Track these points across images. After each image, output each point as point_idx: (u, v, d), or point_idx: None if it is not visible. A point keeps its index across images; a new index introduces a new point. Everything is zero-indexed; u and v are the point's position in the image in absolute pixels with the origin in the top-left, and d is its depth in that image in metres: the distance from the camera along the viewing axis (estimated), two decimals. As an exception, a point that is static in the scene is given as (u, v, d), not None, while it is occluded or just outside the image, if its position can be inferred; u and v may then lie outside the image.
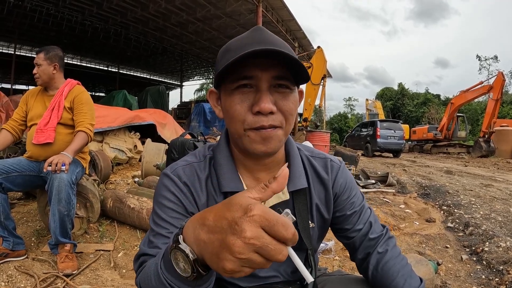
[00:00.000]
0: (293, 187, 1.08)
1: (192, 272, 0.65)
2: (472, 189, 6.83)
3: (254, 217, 0.56)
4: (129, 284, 2.63)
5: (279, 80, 0.92)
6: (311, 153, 1.21)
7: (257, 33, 0.96)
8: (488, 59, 53.50)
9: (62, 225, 2.72)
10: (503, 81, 18.95)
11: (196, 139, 3.07)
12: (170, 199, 1.02)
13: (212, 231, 0.60)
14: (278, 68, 0.91)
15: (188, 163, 1.09)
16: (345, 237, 1.18)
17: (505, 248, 3.40)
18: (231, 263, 0.56)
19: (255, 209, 0.56)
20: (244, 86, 0.92)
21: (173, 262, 0.69)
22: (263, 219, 0.56)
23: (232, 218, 0.57)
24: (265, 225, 0.56)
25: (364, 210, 1.19)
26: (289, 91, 0.95)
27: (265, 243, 0.55)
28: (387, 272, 1.08)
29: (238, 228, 0.55)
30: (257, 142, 0.94)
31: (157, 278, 0.77)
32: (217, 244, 0.58)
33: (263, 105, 0.89)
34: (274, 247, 0.56)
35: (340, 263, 3.14)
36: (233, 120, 0.95)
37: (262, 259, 0.56)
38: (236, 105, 0.93)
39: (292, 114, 0.97)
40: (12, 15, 19.56)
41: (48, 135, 2.99)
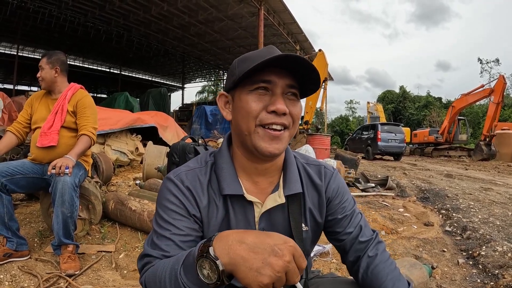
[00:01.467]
0: (289, 192, 1.15)
1: (217, 280, 0.78)
2: (472, 193, 6.85)
3: (291, 247, 0.79)
4: (130, 285, 2.68)
5: (291, 88, 1.06)
6: (306, 161, 1.28)
7: (272, 49, 1.08)
8: (490, 62, 53.34)
9: (65, 227, 2.76)
10: (504, 85, 18.95)
11: (196, 143, 3.12)
12: (173, 202, 1.08)
13: (254, 251, 0.77)
14: (290, 78, 1.04)
15: (191, 169, 1.16)
16: (336, 239, 1.24)
17: (501, 252, 3.43)
18: (269, 278, 0.75)
19: (291, 241, 0.81)
20: (261, 88, 1.03)
21: (197, 268, 0.81)
22: (295, 251, 0.80)
23: (275, 244, 0.79)
24: (295, 254, 0.79)
25: (354, 214, 1.25)
26: (296, 100, 1.10)
27: (294, 267, 0.78)
28: (377, 275, 1.13)
29: (280, 252, 0.77)
30: (264, 141, 1.03)
31: (173, 281, 0.86)
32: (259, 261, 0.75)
33: (279, 106, 1.02)
34: (296, 271, 0.79)
35: (337, 266, 3.18)
36: (247, 115, 1.04)
37: (285, 279, 0.77)
38: (253, 102, 1.03)
39: (298, 119, 1.10)
40: (15, 16, 19.64)
41: (52, 138, 3.04)
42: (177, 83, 42.47)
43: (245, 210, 1.13)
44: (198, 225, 1.10)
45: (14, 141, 3.19)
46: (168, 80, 42.61)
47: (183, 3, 17.85)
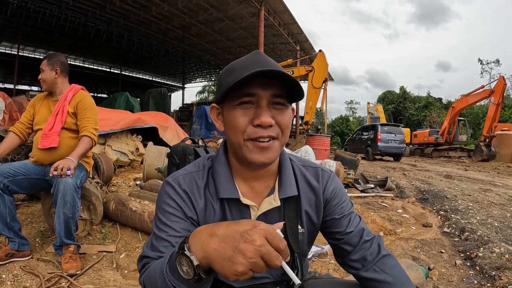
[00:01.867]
0: (284, 195, 1.17)
1: (194, 275, 0.80)
2: (471, 194, 6.86)
3: (261, 230, 0.77)
4: (131, 285, 2.70)
5: (276, 98, 1.05)
6: (303, 163, 1.30)
7: (257, 56, 1.08)
8: (490, 63, 53.41)
9: (66, 227, 2.79)
10: (504, 86, 18.94)
11: (196, 144, 3.15)
12: (171, 204, 1.12)
13: (224, 241, 0.77)
14: (276, 87, 1.03)
15: (188, 173, 1.19)
16: (335, 239, 1.25)
17: (499, 253, 3.45)
18: (243, 266, 0.74)
19: (261, 224, 0.79)
20: (246, 102, 1.03)
21: (177, 266, 0.83)
22: (267, 233, 0.77)
23: (244, 230, 0.77)
24: (268, 237, 0.77)
25: (353, 215, 1.27)
26: (284, 108, 1.08)
27: (269, 250, 0.75)
28: (386, 276, 1.16)
29: (249, 237, 0.75)
30: (255, 152, 1.05)
31: (162, 279, 0.89)
32: (230, 250, 0.75)
33: (264, 119, 1.01)
34: (275, 254, 0.76)
35: (335, 267, 3.20)
36: (235, 131, 1.06)
37: (263, 264, 0.75)
38: (239, 118, 1.04)
39: (288, 127, 1.09)
40: (15, 16, 19.68)
41: (53, 139, 3.06)
42: (178, 83, 42.51)
43: (242, 213, 1.16)
44: (195, 227, 1.12)
45: (16, 142, 3.22)
46: (169, 80, 42.65)
47: (183, 4, 17.89)
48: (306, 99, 16.50)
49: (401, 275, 1.17)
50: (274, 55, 26.67)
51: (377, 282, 1.16)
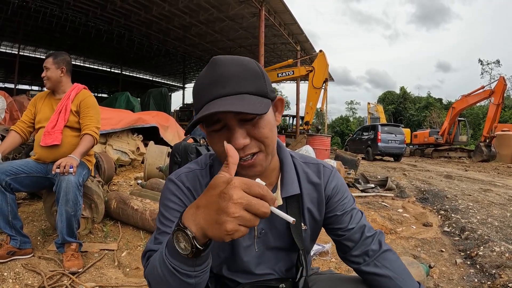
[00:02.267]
0: (286, 193, 1.18)
1: (192, 248, 0.81)
2: (471, 194, 6.87)
3: (235, 183, 0.75)
4: (133, 282, 2.71)
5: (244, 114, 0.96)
6: (305, 160, 1.30)
7: (213, 71, 1.00)
8: (490, 63, 53.44)
9: (69, 225, 2.80)
10: (505, 86, 18.95)
11: (198, 143, 3.15)
12: (175, 201, 1.13)
13: (207, 207, 0.78)
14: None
15: (191, 170, 1.20)
16: (338, 235, 1.26)
17: (499, 252, 3.47)
18: (229, 223, 0.74)
19: (234, 179, 0.77)
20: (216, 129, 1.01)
21: (175, 243, 0.83)
22: (242, 184, 0.76)
23: (220, 191, 0.76)
24: (244, 188, 0.75)
25: (355, 211, 1.27)
26: (258, 118, 1.00)
27: (249, 199, 0.74)
28: (387, 270, 1.17)
29: (226, 195, 0.74)
30: (243, 170, 1.03)
31: (162, 264, 0.90)
32: (214, 213, 0.76)
33: (236, 142, 0.96)
34: (257, 202, 0.74)
35: (336, 265, 3.22)
36: (218, 155, 1.07)
37: (251, 216, 0.74)
38: (216, 145, 1.03)
39: (268, 137, 1.02)
40: (16, 16, 19.68)
41: (55, 137, 3.07)
42: (178, 83, 42.52)
43: None
44: None
45: (18, 140, 3.23)
46: (169, 80, 42.67)
47: (184, 4, 17.89)
48: (307, 99, 16.51)
49: (402, 270, 1.18)
50: (274, 55, 26.70)
51: (378, 276, 1.17)
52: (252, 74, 1.01)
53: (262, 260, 1.21)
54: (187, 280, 0.89)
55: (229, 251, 1.18)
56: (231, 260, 1.19)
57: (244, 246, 1.18)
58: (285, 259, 1.24)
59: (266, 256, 1.22)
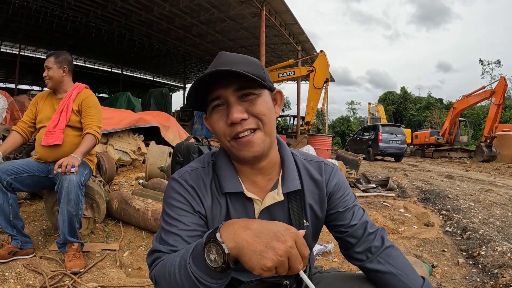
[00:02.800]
0: (287, 189, 1.18)
1: (223, 264, 0.83)
2: (472, 194, 6.87)
3: (293, 234, 0.83)
4: (135, 282, 2.70)
5: (240, 91, 1.06)
6: (306, 158, 1.31)
7: (218, 59, 1.09)
8: (491, 63, 53.41)
9: (70, 225, 2.80)
10: (505, 86, 18.93)
11: (200, 143, 3.14)
12: (179, 199, 1.13)
13: (257, 235, 0.82)
14: (237, 82, 1.04)
15: (194, 169, 1.21)
16: (340, 232, 1.26)
17: (501, 252, 3.46)
18: (271, 261, 0.79)
19: (293, 229, 0.85)
20: (217, 106, 1.07)
21: (205, 254, 0.85)
22: (297, 237, 0.83)
23: (278, 230, 0.83)
24: (298, 241, 0.82)
25: (357, 208, 1.28)
26: (255, 97, 1.07)
27: (296, 253, 0.81)
28: (390, 267, 1.17)
29: (282, 237, 0.81)
30: (241, 150, 1.07)
31: (183, 271, 0.91)
32: (262, 245, 0.79)
33: (232, 116, 1.03)
34: (299, 258, 0.82)
35: (339, 265, 3.21)
36: (218, 135, 1.10)
37: (287, 265, 0.81)
38: (216, 123, 1.09)
39: (265, 115, 1.08)
40: (17, 16, 19.67)
41: (57, 137, 3.07)
42: (179, 83, 42.53)
43: (245, 207, 1.18)
44: (204, 222, 1.14)
45: (19, 140, 3.22)
46: (170, 80, 42.68)
47: (185, 4, 17.88)
48: (307, 100, 16.52)
49: (405, 266, 1.18)
50: (275, 55, 26.70)
51: (381, 273, 1.17)
52: (252, 62, 1.09)
53: None
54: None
55: None
56: None
57: None
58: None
59: None
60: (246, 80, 1.03)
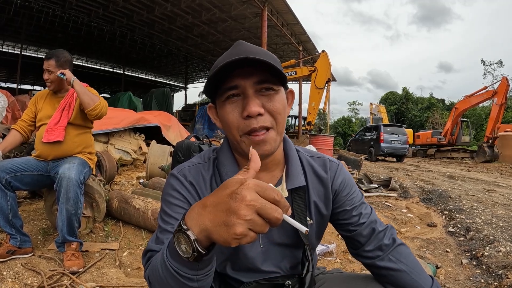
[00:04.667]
0: (291, 185, 1.15)
1: (193, 252, 0.75)
2: (475, 194, 6.85)
3: (250, 185, 0.70)
4: (134, 282, 2.68)
5: (261, 84, 1.01)
6: (310, 154, 1.28)
7: (237, 47, 1.04)
8: (493, 64, 53.23)
9: (69, 224, 2.78)
10: (507, 86, 18.88)
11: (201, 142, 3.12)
12: (176, 197, 1.10)
13: (215, 207, 0.72)
14: (258, 74, 1.00)
15: (194, 164, 1.18)
16: (348, 230, 1.23)
17: (505, 253, 3.43)
18: (239, 226, 0.68)
19: (248, 180, 0.71)
20: (232, 96, 1.02)
21: (175, 245, 0.78)
22: (257, 186, 0.70)
23: (232, 191, 0.70)
24: (258, 190, 0.70)
25: (364, 206, 1.25)
26: (273, 93, 1.04)
27: (263, 203, 0.69)
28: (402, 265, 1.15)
29: (238, 196, 0.69)
30: (253, 147, 0.99)
31: (163, 266, 0.85)
32: (223, 214, 0.70)
33: (250, 108, 0.98)
34: (270, 206, 0.69)
35: (341, 266, 3.18)
36: (229, 128, 1.05)
37: (262, 221, 0.69)
38: (229, 114, 1.03)
39: (280, 113, 1.05)
40: (19, 16, 19.72)
41: (58, 133, 3.04)
42: (180, 83, 42.60)
43: None
44: None
45: (18, 139, 3.20)
46: (171, 80, 42.73)
47: (186, 4, 17.89)
48: (309, 100, 16.48)
49: (416, 264, 1.17)
50: (277, 55, 26.37)
51: (393, 271, 1.15)
52: (273, 57, 1.05)
53: (268, 257, 1.18)
54: (189, 284, 0.84)
55: (233, 248, 1.15)
56: (235, 257, 1.16)
57: None
58: (290, 256, 1.21)
59: (272, 252, 1.19)
60: (268, 74, 1.00)
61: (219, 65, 0.97)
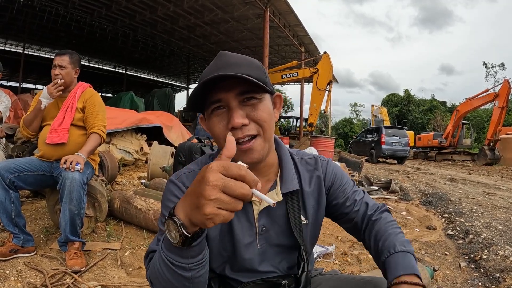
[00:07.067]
0: (286, 189, 1.20)
1: (180, 236, 0.82)
2: (475, 197, 6.86)
3: (213, 167, 0.75)
4: (136, 282, 2.70)
5: (243, 95, 1.04)
6: (302, 156, 1.33)
7: (220, 60, 1.08)
8: (495, 66, 53.09)
9: (72, 224, 2.80)
10: (509, 89, 18.88)
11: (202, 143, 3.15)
12: (175, 201, 1.12)
13: (191, 193, 0.79)
14: (240, 86, 1.03)
15: (191, 171, 1.22)
16: (346, 221, 1.31)
17: (503, 256, 3.45)
18: (207, 206, 0.73)
19: (212, 163, 0.76)
20: (217, 108, 1.05)
21: (167, 233, 0.85)
22: (220, 166, 0.75)
23: (200, 176, 0.77)
24: (222, 170, 0.74)
25: (357, 193, 1.31)
26: (257, 101, 1.06)
27: (226, 181, 0.73)
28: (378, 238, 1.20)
29: (203, 179, 0.74)
30: (240, 156, 1.04)
31: (160, 260, 0.92)
32: (195, 198, 0.77)
33: (233, 121, 1.01)
34: (234, 183, 0.73)
35: (340, 267, 3.20)
36: (217, 138, 1.09)
37: (230, 198, 0.73)
38: (215, 126, 1.07)
39: (266, 121, 1.07)
40: (21, 15, 19.74)
41: (62, 135, 3.07)
42: (182, 83, 42.58)
43: (244, 208, 1.18)
44: None
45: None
46: (173, 80, 42.73)
47: (189, 4, 17.90)
48: (311, 101, 16.50)
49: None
50: (279, 57, 26.70)
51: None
52: (254, 65, 1.07)
53: (265, 258, 1.22)
54: (183, 274, 0.90)
55: (230, 249, 1.19)
56: (233, 259, 1.20)
57: (245, 244, 1.18)
58: (287, 257, 1.25)
59: (269, 253, 1.23)
60: (249, 84, 1.02)
61: (202, 80, 1.01)
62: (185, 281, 0.92)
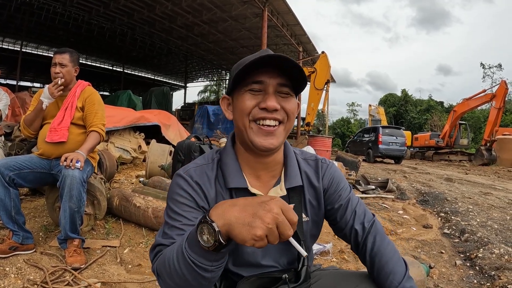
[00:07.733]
0: (289, 185, 1.24)
1: (215, 241, 0.86)
2: (471, 197, 6.89)
3: (278, 202, 0.86)
4: (135, 279, 2.72)
5: (282, 87, 1.14)
6: (304, 156, 1.37)
7: (265, 51, 1.14)
8: (492, 67, 53.20)
9: (72, 221, 2.82)
10: (506, 90, 18.95)
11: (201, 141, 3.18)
12: (183, 195, 1.17)
13: (244, 209, 0.85)
14: (282, 77, 1.12)
15: (199, 165, 1.25)
16: (337, 229, 1.35)
17: (498, 254, 3.49)
18: (261, 230, 0.82)
19: (278, 198, 0.88)
20: (253, 89, 1.12)
21: (198, 235, 0.88)
22: (283, 204, 0.86)
23: (262, 201, 0.86)
24: (283, 208, 0.85)
25: (351, 201, 1.34)
26: (290, 96, 1.16)
27: (283, 219, 0.83)
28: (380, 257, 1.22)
29: (267, 206, 0.84)
30: (259, 136, 1.12)
31: (180, 257, 0.94)
32: (249, 216, 0.82)
33: (269, 103, 1.10)
34: (287, 224, 0.84)
35: (337, 265, 3.22)
36: (241, 113, 1.14)
37: (277, 232, 0.83)
38: (247, 101, 1.13)
39: (293, 113, 1.18)
40: (19, 12, 19.70)
41: (62, 134, 3.08)
42: (180, 82, 42.58)
43: None
44: None
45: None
46: (171, 79, 42.68)
47: (187, 3, 17.90)
48: (308, 100, 16.53)
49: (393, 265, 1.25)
50: (276, 56, 26.62)
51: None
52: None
53: (267, 252, 1.25)
54: (203, 274, 0.93)
55: (235, 245, 1.21)
56: (236, 253, 1.22)
57: None
58: (288, 252, 1.28)
59: (271, 248, 1.25)
60: (287, 80, 1.13)
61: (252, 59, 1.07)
62: (203, 280, 0.95)
